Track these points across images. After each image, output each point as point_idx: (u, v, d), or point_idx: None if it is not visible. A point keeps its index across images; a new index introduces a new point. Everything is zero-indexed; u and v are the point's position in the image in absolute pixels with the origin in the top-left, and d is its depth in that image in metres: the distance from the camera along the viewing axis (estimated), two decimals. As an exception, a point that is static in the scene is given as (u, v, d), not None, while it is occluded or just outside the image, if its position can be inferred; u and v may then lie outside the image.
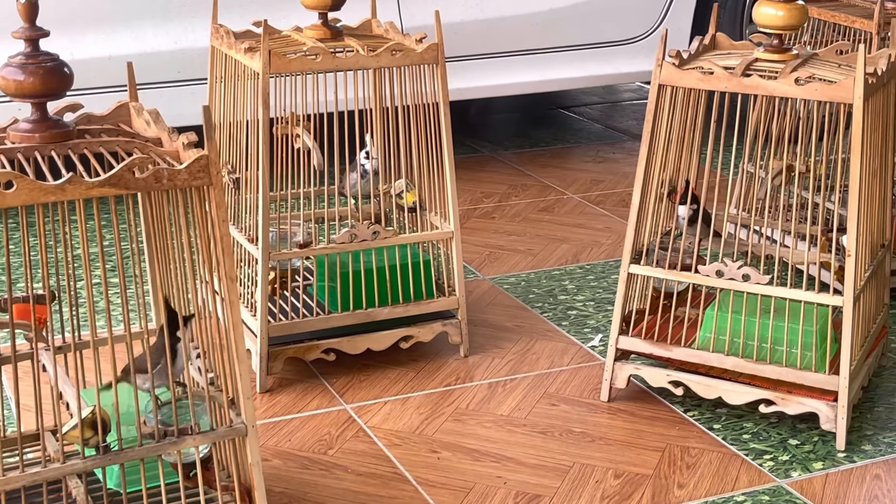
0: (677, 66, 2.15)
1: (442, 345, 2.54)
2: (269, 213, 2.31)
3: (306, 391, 2.36)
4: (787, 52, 2.19)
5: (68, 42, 3.12)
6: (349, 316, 2.39)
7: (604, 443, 2.18)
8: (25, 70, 1.60)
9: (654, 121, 2.17)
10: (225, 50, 2.41)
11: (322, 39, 2.38)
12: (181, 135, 1.63)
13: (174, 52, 3.32)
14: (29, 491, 1.68)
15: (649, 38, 3.92)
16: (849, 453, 2.14)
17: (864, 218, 2.14)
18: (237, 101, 2.40)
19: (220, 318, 1.65)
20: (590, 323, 2.69)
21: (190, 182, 1.57)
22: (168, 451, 1.65)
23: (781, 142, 2.61)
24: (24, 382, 1.67)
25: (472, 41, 3.68)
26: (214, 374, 1.70)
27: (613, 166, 3.89)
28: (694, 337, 2.26)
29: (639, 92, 4.88)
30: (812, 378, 2.13)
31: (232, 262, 1.63)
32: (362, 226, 2.38)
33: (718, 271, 2.18)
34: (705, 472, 2.08)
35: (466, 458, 2.12)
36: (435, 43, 2.37)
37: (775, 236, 2.71)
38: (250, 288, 2.42)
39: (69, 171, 1.52)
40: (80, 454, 1.61)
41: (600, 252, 3.13)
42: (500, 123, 4.50)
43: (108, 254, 2.97)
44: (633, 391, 2.35)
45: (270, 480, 2.01)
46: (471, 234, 3.23)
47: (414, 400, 2.33)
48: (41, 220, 1.54)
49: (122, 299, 1.66)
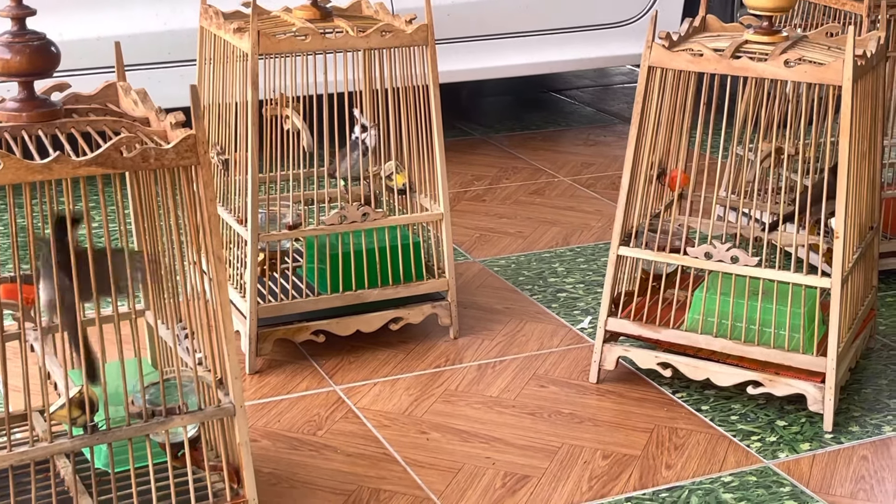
0: (667, 48, 2.15)
1: (431, 327, 2.54)
2: (258, 195, 2.30)
3: (295, 372, 2.36)
4: (777, 34, 2.19)
5: (56, 22, 3.10)
6: (338, 297, 2.39)
7: (592, 424, 2.18)
8: (12, 49, 1.59)
9: (644, 103, 2.17)
10: (214, 31, 2.40)
11: (311, 20, 2.38)
12: (169, 114, 1.63)
13: (163, 34, 3.30)
14: (17, 471, 1.68)
15: (641, 20, 3.91)
16: (836, 434, 2.15)
17: (853, 200, 2.14)
18: (226, 82, 2.39)
19: (207, 298, 1.65)
20: (579, 305, 2.69)
21: (178, 161, 1.57)
22: (156, 431, 1.65)
23: (771, 124, 2.61)
24: (12, 363, 1.67)
25: (463, 23, 3.67)
26: (203, 355, 1.70)
27: (604, 149, 3.89)
28: (682, 319, 2.27)
29: (630, 75, 4.88)
30: (800, 360, 2.14)
31: (220, 241, 1.63)
32: (352, 207, 2.38)
33: (707, 253, 2.19)
34: (693, 452, 2.09)
35: (455, 439, 2.13)
36: (425, 24, 2.36)
37: (764, 219, 2.71)
38: (240, 269, 2.42)
39: (56, 151, 1.52)
40: (67, 434, 1.61)
41: (590, 235, 3.13)
42: (491, 106, 4.50)
43: (97, 235, 2.97)
44: (622, 373, 2.36)
45: (259, 461, 2.02)
46: (461, 216, 3.23)
47: (403, 381, 2.33)
48: (28, 199, 1.54)
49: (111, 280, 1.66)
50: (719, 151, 2.69)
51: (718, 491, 1.97)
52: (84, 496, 1.70)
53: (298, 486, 1.97)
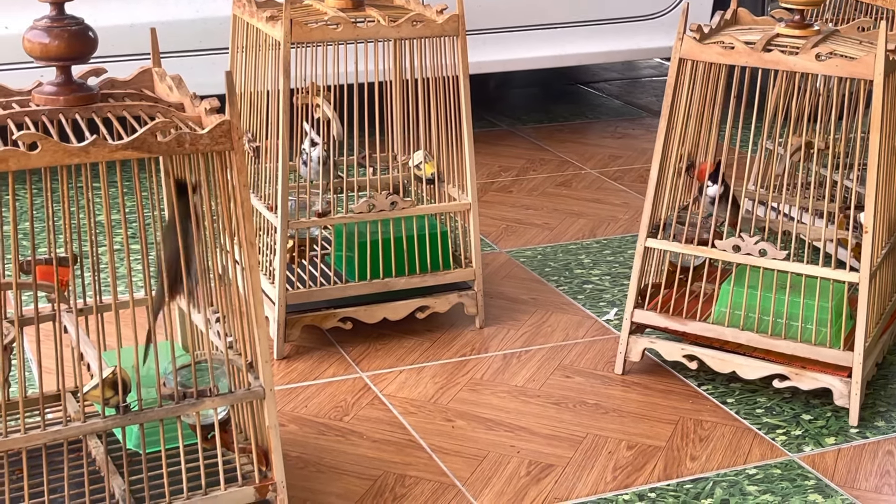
0: (698, 41, 2.15)
1: (458, 316, 2.56)
2: (288, 182, 2.32)
3: (323, 359, 2.38)
4: (809, 28, 2.18)
5: (91, 10, 3.13)
6: (366, 285, 2.41)
7: (617, 415, 2.19)
8: (51, 33, 1.61)
9: (674, 95, 2.17)
10: (247, 19, 2.42)
11: (343, 9, 2.39)
12: (203, 100, 1.65)
13: (195, 21, 3.33)
14: (50, 450, 1.71)
15: (670, 13, 3.90)
16: (861, 429, 2.15)
17: (882, 195, 2.14)
18: (258, 71, 2.41)
19: (239, 283, 1.67)
20: (605, 297, 2.70)
21: (212, 147, 1.58)
22: (187, 413, 1.67)
23: (801, 118, 2.61)
24: (45, 345, 1.69)
25: (493, 14, 3.67)
26: (234, 338, 1.72)
27: (632, 142, 3.89)
28: (709, 311, 2.27)
29: (658, 68, 4.87)
30: (826, 354, 2.14)
31: (252, 227, 1.64)
32: (381, 196, 2.40)
33: (735, 246, 2.19)
34: (718, 445, 2.10)
35: (480, 427, 2.14)
36: (456, 14, 2.37)
37: (793, 213, 2.71)
38: (269, 256, 2.44)
39: (93, 134, 1.54)
40: (100, 414, 1.64)
41: (617, 227, 3.13)
42: (518, 98, 4.50)
43: (130, 220, 3.00)
44: (648, 364, 2.36)
45: (287, 445, 2.04)
46: (488, 207, 3.23)
47: (429, 369, 2.35)
48: (64, 181, 1.56)
49: (144, 264, 1.69)
50: (749, 145, 2.68)
51: (743, 483, 1.98)
52: (115, 476, 1.73)
53: (325, 471, 1.99)
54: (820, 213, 2.63)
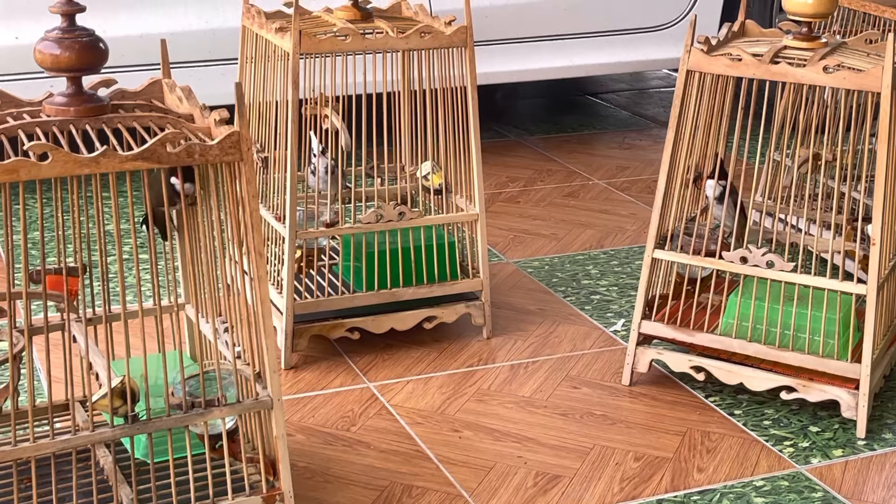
0: (706, 52, 2.16)
1: (465, 326, 2.56)
2: (296, 193, 2.33)
3: (330, 369, 2.39)
4: (816, 40, 2.19)
5: (101, 21, 3.15)
6: (374, 295, 2.42)
7: (624, 426, 2.19)
8: (62, 44, 1.62)
9: (682, 106, 2.18)
10: (256, 30, 2.43)
11: (352, 20, 2.40)
12: (213, 111, 1.65)
13: (205, 32, 3.34)
14: (58, 459, 1.72)
15: (678, 25, 3.91)
16: (869, 441, 2.14)
17: (890, 207, 2.14)
18: (267, 81, 2.42)
19: (247, 293, 1.68)
20: (612, 308, 2.70)
21: (221, 157, 1.59)
22: (195, 422, 1.68)
23: (808, 130, 2.61)
24: (54, 354, 1.70)
25: (501, 26, 3.69)
26: (242, 348, 1.73)
27: (639, 153, 3.89)
28: (717, 323, 2.27)
29: (666, 79, 4.87)
30: (834, 366, 2.14)
31: (260, 237, 1.65)
32: (388, 206, 2.40)
33: (743, 258, 2.19)
34: (725, 456, 2.09)
35: (487, 438, 2.14)
36: (464, 26, 2.38)
37: (800, 225, 2.71)
38: (277, 266, 2.45)
39: (103, 145, 1.55)
40: (108, 423, 1.64)
41: (624, 238, 3.13)
42: (526, 108, 4.51)
43: (139, 230, 3.01)
44: (655, 375, 2.36)
45: (294, 455, 2.04)
46: (496, 217, 3.24)
47: (436, 380, 2.35)
48: (75, 192, 1.57)
49: (153, 273, 1.69)
50: (756, 157, 2.68)
51: (750, 495, 1.98)
52: (123, 485, 1.73)
53: (332, 481, 1.99)
54: (827, 225, 2.63)
